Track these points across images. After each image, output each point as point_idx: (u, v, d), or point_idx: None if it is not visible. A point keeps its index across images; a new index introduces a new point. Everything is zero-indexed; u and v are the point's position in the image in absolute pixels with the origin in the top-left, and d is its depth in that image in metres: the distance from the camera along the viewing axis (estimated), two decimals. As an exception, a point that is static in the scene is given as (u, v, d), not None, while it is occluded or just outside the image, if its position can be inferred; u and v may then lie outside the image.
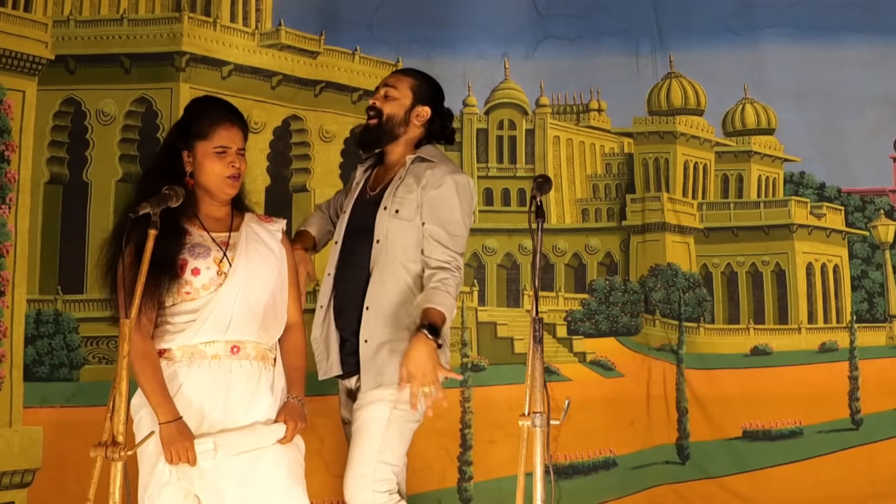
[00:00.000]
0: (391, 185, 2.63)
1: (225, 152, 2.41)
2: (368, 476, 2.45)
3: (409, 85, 2.69)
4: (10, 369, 4.06)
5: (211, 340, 2.34)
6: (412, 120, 2.67)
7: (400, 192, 2.60)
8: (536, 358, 2.23)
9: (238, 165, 2.43)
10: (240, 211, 2.50)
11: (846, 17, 4.86)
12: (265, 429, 2.34)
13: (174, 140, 2.44)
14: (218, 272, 2.36)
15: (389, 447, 2.49)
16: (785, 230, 5.14)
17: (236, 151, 2.43)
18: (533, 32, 4.84)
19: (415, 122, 2.67)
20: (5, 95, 4.17)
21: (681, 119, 5.15)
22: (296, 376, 2.46)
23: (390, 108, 2.65)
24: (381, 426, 2.49)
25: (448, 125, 2.77)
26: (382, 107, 2.66)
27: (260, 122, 4.60)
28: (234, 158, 2.42)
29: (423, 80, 2.73)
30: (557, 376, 4.58)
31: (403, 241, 2.55)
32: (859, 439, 4.70)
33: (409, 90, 2.68)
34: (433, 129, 2.71)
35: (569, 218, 5.04)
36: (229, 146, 2.42)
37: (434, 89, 2.74)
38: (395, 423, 2.51)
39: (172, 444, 2.23)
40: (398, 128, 2.66)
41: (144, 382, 2.28)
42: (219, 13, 4.62)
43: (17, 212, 4.16)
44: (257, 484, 2.30)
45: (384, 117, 2.65)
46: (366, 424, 2.50)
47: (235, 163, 2.42)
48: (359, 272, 2.58)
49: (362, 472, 2.46)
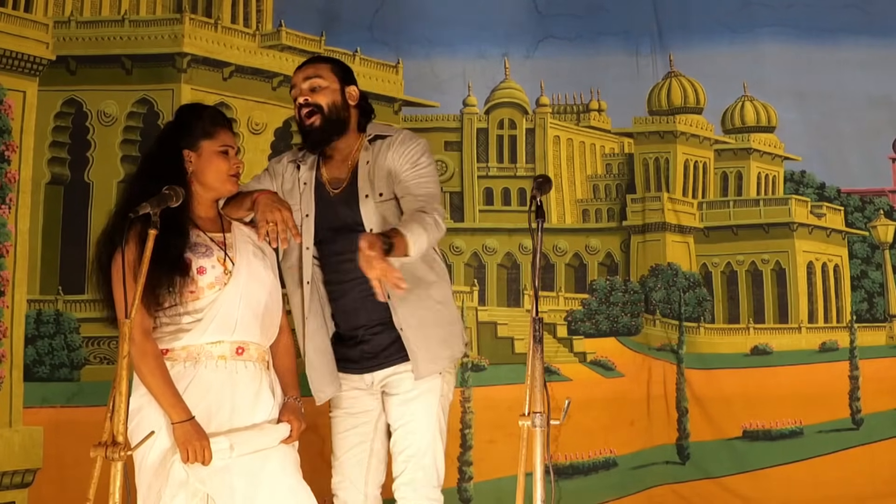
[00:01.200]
0: (359, 172, 2.56)
1: (227, 152, 2.44)
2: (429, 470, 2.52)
3: (330, 69, 2.59)
4: (10, 369, 4.06)
5: (218, 341, 2.35)
6: (348, 102, 2.59)
7: (376, 175, 2.55)
8: (536, 358, 2.24)
9: (237, 164, 2.46)
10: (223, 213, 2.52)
11: (845, 19, 4.86)
12: (272, 428, 2.36)
13: (173, 140, 2.44)
14: (224, 271, 2.37)
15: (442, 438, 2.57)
16: (785, 228, 5.14)
17: (235, 153, 2.47)
18: (533, 32, 4.84)
19: (350, 103, 2.60)
20: (6, 96, 4.18)
21: (681, 118, 5.15)
22: (290, 378, 2.49)
23: (326, 98, 2.54)
24: (437, 424, 2.54)
25: (367, 98, 2.69)
26: (317, 100, 2.54)
27: (261, 123, 4.61)
28: (234, 158, 2.45)
29: (335, 62, 2.66)
30: (558, 376, 4.58)
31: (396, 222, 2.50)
32: (860, 439, 4.70)
33: (332, 74, 2.58)
34: (362, 105, 2.64)
35: (569, 218, 5.05)
36: (231, 146, 2.46)
37: (347, 67, 2.68)
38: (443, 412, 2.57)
39: (189, 443, 2.23)
40: (342, 113, 2.56)
41: (153, 383, 2.28)
42: (220, 14, 4.63)
43: (17, 212, 4.17)
44: (268, 485, 2.31)
45: (326, 110, 2.54)
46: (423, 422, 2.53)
47: (236, 162, 2.46)
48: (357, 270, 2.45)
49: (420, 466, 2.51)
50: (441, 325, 2.58)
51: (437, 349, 2.55)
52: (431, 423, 2.54)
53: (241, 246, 2.43)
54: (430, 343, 2.54)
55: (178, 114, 2.53)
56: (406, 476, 2.52)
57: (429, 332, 2.54)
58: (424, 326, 2.54)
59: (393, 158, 2.55)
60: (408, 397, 2.54)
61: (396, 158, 2.55)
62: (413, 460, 2.52)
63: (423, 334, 2.53)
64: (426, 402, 2.54)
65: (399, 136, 2.62)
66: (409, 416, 2.54)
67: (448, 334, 2.59)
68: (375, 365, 2.57)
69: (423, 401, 2.54)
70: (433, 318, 2.55)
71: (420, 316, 2.54)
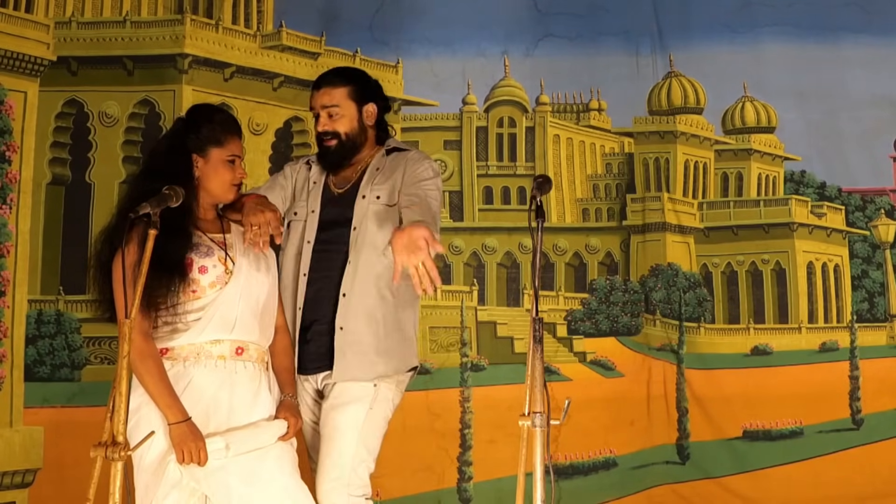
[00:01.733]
0: (366, 175, 2.61)
1: (234, 161, 2.45)
2: (344, 479, 2.43)
3: (345, 94, 2.62)
4: (10, 369, 4.07)
5: (217, 339, 2.35)
6: (365, 122, 2.64)
7: (378, 180, 2.59)
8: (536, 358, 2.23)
9: (242, 175, 2.48)
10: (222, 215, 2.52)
11: (846, 18, 4.86)
12: (268, 426, 2.36)
13: (182, 142, 2.45)
14: (225, 270, 2.38)
15: (366, 448, 2.46)
16: (785, 229, 5.14)
17: (240, 161, 2.48)
18: (533, 31, 4.84)
19: (368, 123, 2.65)
20: (7, 96, 4.18)
21: (681, 118, 5.15)
22: (288, 376, 2.48)
23: (343, 126, 2.61)
24: (356, 430, 2.45)
25: (386, 99, 2.72)
26: (335, 128, 2.61)
27: (261, 123, 4.61)
28: (240, 168, 2.47)
29: (350, 80, 2.67)
30: (558, 376, 4.58)
31: (383, 227, 2.52)
32: (860, 439, 4.70)
33: (347, 100, 2.62)
34: (380, 118, 2.68)
35: (569, 217, 5.05)
36: (239, 155, 2.48)
37: (363, 80, 2.69)
38: (372, 422, 2.48)
39: (184, 444, 2.22)
40: (359, 137, 2.63)
41: (150, 384, 2.27)
42: (220, 15, 4.64)
43: (18, 212, 4.17)
44: (265, 484, 2.31)
45: (342, 136, 2.61)
46: (340, 429, 2.46)
47: (241, 173, 2.48)
48: (334, 263, 2.55)
49: (337, 476, 2.43)
50: (386, 337, 2.51)
51: (371, 358, 2.49)
52: (353, 432, 2.45)
53: (240, 246, 2.44)
54: (363, 349, 2.49)
55: (189, 114, 2.50)
56: (325, 486, 2.45)
57: (366, 339, 2.49)
58: (364, 332, 2.50)
59: (402, 171, 2.59)
60: (333, 403, 2.50)
61: (407, 171, 2.58)
62: (333, 470, 2.45)
63: (357, 339, 2.49)
64: (350, 410, 2.47)
65: (414, 153, 2.66)
66: (331, 423, 2.49)
67: (386, 349, 2.52)
68: (318, 367, 2.55)
69: (347, 408, 2.47)
70: (380, 328, 2.50)
71: (365, 320, 2.50)
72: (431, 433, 4.25)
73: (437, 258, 2.58)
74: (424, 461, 4.24)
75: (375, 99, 2.67)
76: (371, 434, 2.49)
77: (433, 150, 4.93)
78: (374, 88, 2.70)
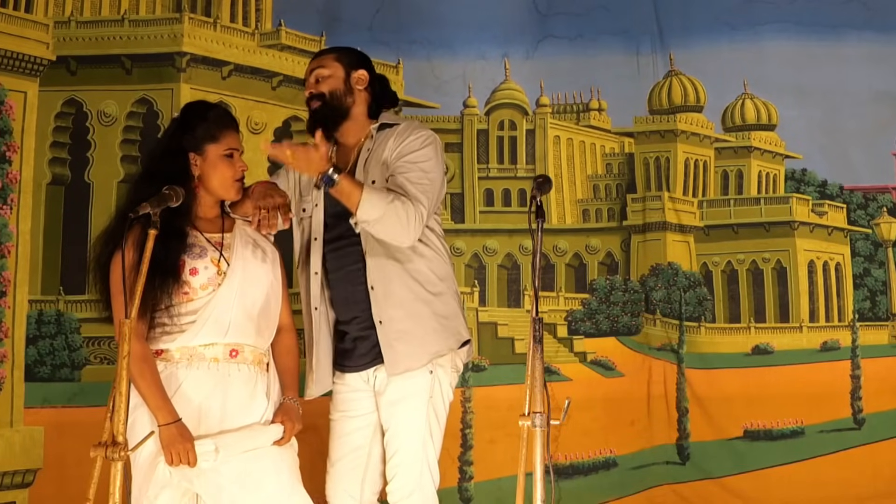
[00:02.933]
0: (359, 159, 2.55)
1: (232, 155, 2.43)
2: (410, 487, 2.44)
3: (334, 58, 2.59)
4: (11, 369, 4.07)
5: (211, 343, 2.34)
6: (354, 87, 2.57)
7: (371, 163, 2.52)
8: (536, 358, 2.23)
9: (243, 168, 2.46)
10: (228, 213, 2.51)
11: (847, 14, 4.85)
12: (263, 429, 2.34)
13: (178, 142, 2.43)
14: (217, 272, 2.36)
15: (433, 443, 2.48)
16: (786, 227, 5.13)
17: (239, 154, 2.46)
18: (533, 32, 4.84)
19: (357, 87, 2.58)
20: (7, 96, 4.18)
21: (681, 116, 5.14)
22: (290, 378, 2.46)
23: (328, 86, 2.55)
24: (424, 427, 2.46)
25: (387, 85, 2.67)
26: (320, 89, 2.55)
27: (260, 122, 4.61)
28: (239, 161, 2.45)
29: (344, 50, 2.65)
30: (558, 376, 4.58)
31: None
32: (861, 439, 4.69)
33: (336, 62, 2.58)
34: (376, 91, 2.62)
35: (569, 218, 5.05)
36: (237, 148, 2.45)
37: (358, 54, 2.66)
38: (435, 418, 2.49)
39: (173, 446, 2.22)
40: (345, 99, 2.55)
41: (142, 385, 2.27)
42: (219, 14, 4.63)
43: (18, 213, 4.17)
44: (257, 485, 2.30)
45: (327, 96, 2.54)
46: (408, 426, 2.45)
47: (241, 166, 2.45)
48: (352, 257, 2.50)
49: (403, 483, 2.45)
50: (424, 318, 2.48)
51: (416, 344, 2.46)
52: (418, 428, 2.46)
53: (239, 246, 2.42)
54: (407, 337, 2.46)
55: (182, 113, 2.49)
56: (397, 482, 2.46)
57: (405, 326, 2.46)
58: (401, 320, 2.46)
59: (391, 148, 2.52)
60: (392, 399, 2.48)
61: (393, 148, 2.51)
62: (402, 467, 2.46)
63: (397, 328, 2.46)
64: (411, 405, 2.47)
65: (402, 126, 2.57)
66: (395, 420, 2.48)
67: (433, 329, 2.50)
68: (369, 362, 2.53)
69: (408, 403, 2.47)
70: (415, 311, 2.48)
71: (402, 308, 2.47)
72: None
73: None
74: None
75: (367, 68, 2.62)
76: (436, 426, 2.49)
77: (434, 152, 4.93)
78: (367, 61, 2.65)
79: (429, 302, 2.50)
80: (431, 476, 2.50)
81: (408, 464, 2.47)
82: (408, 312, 2.48)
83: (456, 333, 2.56)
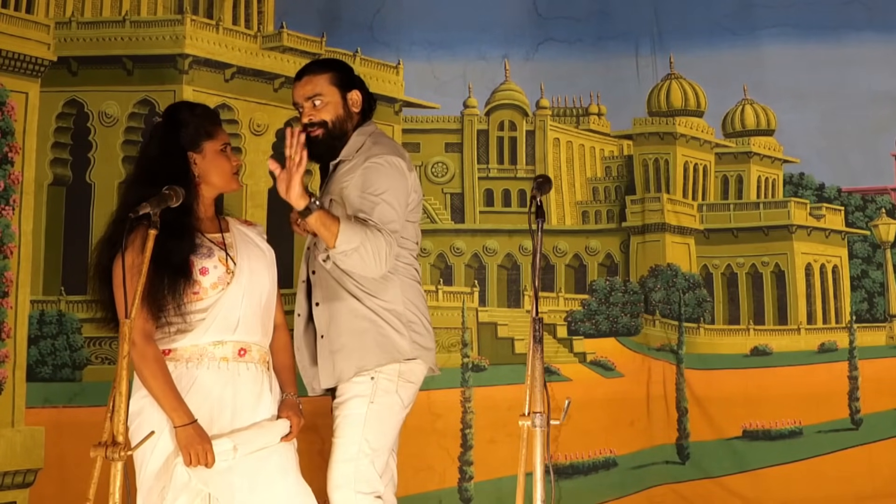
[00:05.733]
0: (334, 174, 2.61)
1: (226, 149, 2.45)
2: (349, 476, 2.44)
3: (328, 80, 2.60)
4: (12, 369, 4.07)
5: (220, 341, 2.35)
6: (351, 109, 2.62)
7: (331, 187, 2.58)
8: (536, 358, 2.24)
9: (237, 162, 2.49)
10: (221, 214, 2.52)
11: (847, 16, 4.86)
12: (272, 425, 2.36)
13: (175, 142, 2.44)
14: (226, 271, 2.38)
15: (369, 444, 2.46)
16: (784, 231, 5.15)
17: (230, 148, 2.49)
18: (533, 34, 4.85)
19: (354, 109, 2.62)
20: (8, 97, 4.19)
21: (680, 120, 5.16)
22: (288, 375, 2.48)
23: (329, 114, 2.58)
24: (358, 425, 2.46)
25: (369, 92, 2.69)
26: (321, 117, 2.58)
27: (262, 124, 4.62)
28: (233, 155, 2.47)
29: (333, 68, 2.65)
30: (558, 376, 4.59)
31: None
32: (859, 439, 4.70)
33: (331, 86, 2.60)
34: (365, 108, 2.66)
35: (569, 220, 5.06)
36: (229, 142, 2.49)
37: (346, 69, 2.69)
38: (374, 416, 2.48)
39: (192, 447, 2.22)
40: (345, 125, 2.60)
41: (155, 387, 2.27)
42: (221, 15, 4.64)
43: (20, 213, 4.17)
44: (267, 485, 2.31)
45: (329, 124, 2.58)
46: (342, 426, 2.48)
47: (236, 159, 2.48)
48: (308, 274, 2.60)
49: (342, 471, 2.45)
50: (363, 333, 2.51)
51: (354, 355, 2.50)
52: (353, 430, 2.47)
53: (241, 245, 2.44)
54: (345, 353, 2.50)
55: (172, 115, 2.47)
56: (333, 482, 2.47)
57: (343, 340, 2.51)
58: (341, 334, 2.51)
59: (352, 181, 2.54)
60: (337, 402, 2.53)
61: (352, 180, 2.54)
62: (337, 465, 2.47)
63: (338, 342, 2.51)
64: (353, 406, 2.49)
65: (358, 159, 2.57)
66: (335, 422, 2.52)
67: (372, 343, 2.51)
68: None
69: (349, 405, 2.50)
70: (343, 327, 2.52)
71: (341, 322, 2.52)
72: (433, 433, 4.26)
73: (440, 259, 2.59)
74: (426, 461, 4.24)
75: (359, 86, 2.65)
76: (374, 429, 2.48)
77: (434, 153, 4.94)
78: (357, 78, 2.68)
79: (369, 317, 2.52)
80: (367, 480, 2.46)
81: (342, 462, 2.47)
82: (346, 327, 2.51)
83: (397, 349, 2.54)
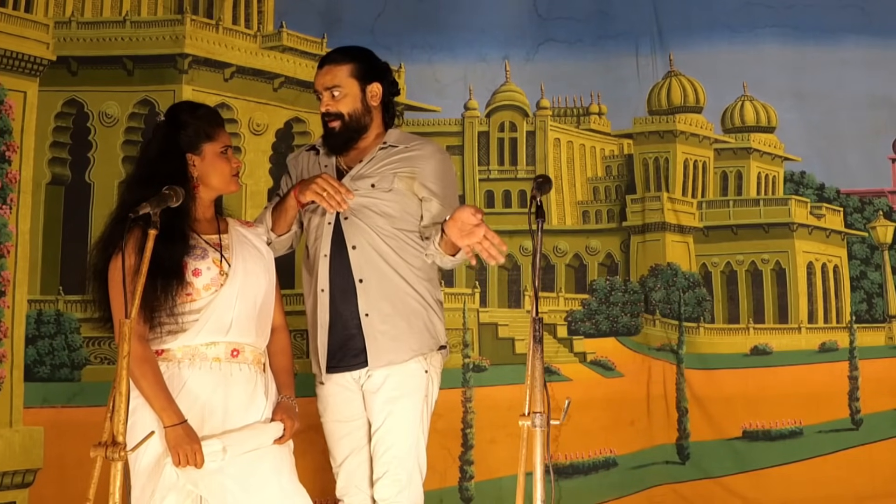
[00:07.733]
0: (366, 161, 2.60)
1: (227, 152, 2.45)
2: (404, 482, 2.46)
3: (347, 73, 2.59)
4: (10, 369, 4.07)
5: (212, 342, 2.35)
6: (370, 103, 2.61)
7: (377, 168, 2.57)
8: (536, 358, 2.24)
9: (238, 164, 2.48)
10: (221, 214, 2.52)
11: (845, 18, 4.87)
12: (265, 427, 2.36)
13: (174, 143, 2.43)
14: (220, 272, 2.37)
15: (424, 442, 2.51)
16: (785, 228, 5.14)
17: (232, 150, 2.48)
18: (533, 35, 4.85)
19: (373, 103, 2.61)
20: (6, 96, 4.18)
21: (680, 117, 5.15)
22: (286, 377, 2.48)
23: (346, 106, 2.57)
24: (420, 425, 2.48)
25: (394, 80, 2.69)
26: (339, 108, 2.57)
27: (262, 124, 4.62)
28: (233, 157, 2.47)
29: (354, 59, 2.63)
30: (558, 376, 4.59)
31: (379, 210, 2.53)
32: (859, 439, 4.70)
33: (350, 79, 2.59)
34: (387, 100, 2.65)
35: (569, 220, 5.06)
36: (230, 144, 2.49)
37: (368, 59, 2.66)
38: (426, 416, 2.51)
39: (180, 447, 2.23)
40: (363, 119, 2.60)
41: (146, 387, 2.27)
42: (221, 15, 4.64)
43: (18, 212, 4.17)
44: (260, 487, 2.31)
45: (346, 117, 2.57)
46: (401, 422, 2.48)
47: (236, 161, 2.47)
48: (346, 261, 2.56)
49: (397, 478, 2.46)
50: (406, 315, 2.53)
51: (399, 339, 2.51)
52: (414, 425, 2.49)
53: (237, 247, 2.43)
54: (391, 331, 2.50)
55: (173, 115, 2.48)
56: (389, 478, 2.48)
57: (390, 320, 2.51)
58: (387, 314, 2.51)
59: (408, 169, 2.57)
60: (391, 396, 2.51)
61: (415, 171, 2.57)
62: (395, 462, 2.48)
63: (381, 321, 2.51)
64: (409, 403, 2.50)
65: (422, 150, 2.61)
66: (391, 416, 2.50)
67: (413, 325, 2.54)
68: (362, 361, 2.55)
69: (406, 401, 2.50)
70: (398, 307, 2.53)
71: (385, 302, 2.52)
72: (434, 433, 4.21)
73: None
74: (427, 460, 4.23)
75: (381, 79, 2.63)
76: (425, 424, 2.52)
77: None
78: (379, 69, 2.65)
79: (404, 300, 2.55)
80: (421, 474, 2.52)
81: (402, 459, 2.48)
82: (394, 307, 2.52)
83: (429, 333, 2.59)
